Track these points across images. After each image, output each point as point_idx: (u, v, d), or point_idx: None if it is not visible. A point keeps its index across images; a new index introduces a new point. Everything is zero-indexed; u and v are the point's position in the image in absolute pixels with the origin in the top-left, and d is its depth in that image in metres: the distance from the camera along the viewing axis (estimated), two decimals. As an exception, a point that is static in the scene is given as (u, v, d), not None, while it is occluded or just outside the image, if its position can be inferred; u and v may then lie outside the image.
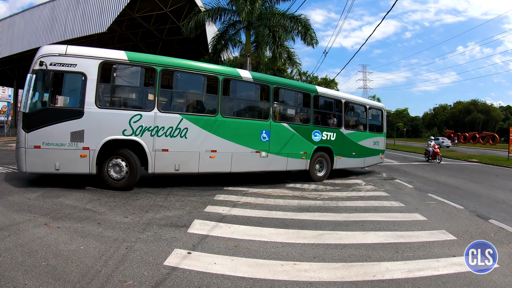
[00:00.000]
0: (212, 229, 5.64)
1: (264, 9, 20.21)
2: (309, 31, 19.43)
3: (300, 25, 19.18)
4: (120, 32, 28.76)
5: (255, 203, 7.80)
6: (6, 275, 3.58)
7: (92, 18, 22.97)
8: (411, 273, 4.16)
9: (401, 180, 12.52)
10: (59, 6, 24.59)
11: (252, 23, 20.25)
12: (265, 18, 20.14)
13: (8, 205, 6.40)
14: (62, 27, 24.34)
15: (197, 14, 19.74)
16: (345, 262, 4.45)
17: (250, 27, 20.57)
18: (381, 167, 17.73)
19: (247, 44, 21.12)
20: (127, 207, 6.78)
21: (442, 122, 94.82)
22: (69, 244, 4.57)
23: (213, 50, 22.42)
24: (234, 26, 21.52)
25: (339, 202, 8.33)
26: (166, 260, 4.18)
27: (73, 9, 23.98)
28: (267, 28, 20.11)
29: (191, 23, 19.51)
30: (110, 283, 3.54)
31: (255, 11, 18.45)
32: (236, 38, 22.73)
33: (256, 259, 4.42)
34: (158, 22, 27.74)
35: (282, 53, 20.27)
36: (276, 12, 19.97)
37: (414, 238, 5.62)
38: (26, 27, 26.03)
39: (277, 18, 19.54)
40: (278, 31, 20.04)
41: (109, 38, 30.10)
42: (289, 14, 19.57)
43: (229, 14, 20.35)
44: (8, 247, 4.34)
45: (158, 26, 28.38)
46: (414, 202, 8.66)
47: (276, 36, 19.78)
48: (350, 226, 6.22)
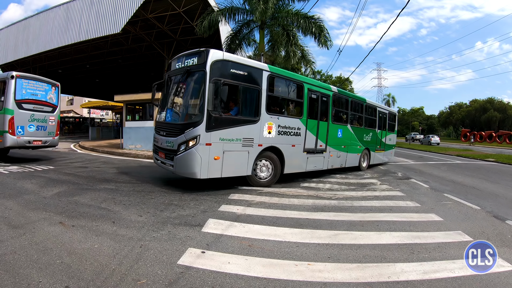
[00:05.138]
0: (226, 228, 5.65)
1: (277, 8, 20.13)
2: (323, 32, 19.23)
3: (314, 26, 19.01)
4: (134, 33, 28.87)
5: (270, 202, 7.78)
6: (21, 272, 3.65)
7: (106, 19, 23.12)
8: (426, 275, 4.11)
9: (416, 180, 12.37)
10: (73, 8, 24.83)
11: (265, 22, 20.19)
12: (278, 17, 20.05)
13: (24, 203, 6.52)
14: (76, 28, 24.57)
15: (210, 14, 19.76)
16: (359, 263, 4.42)
17: (264, 26, 20.51)
18: (396, 166, 17.60)
19: (261, 43, 21.08)
20: (142, 206, 6.83)
21: (458, 120, 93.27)
22: (84, 242, 4.63)
23: (227, 50, 22.39)
24: (247, 25, 21.48)
25: (354, 202, 8.25)
26: (180, 259, 4.21)
27: (87, 10, 24.19)
28: (281, 27, 20.02)
29: (205, 23, 19.53)
30: (124, 282, 3.58)
31: (269, 10, 18.39)
32: (250, 37, 22.70)
33: (270, 259, 4.41)
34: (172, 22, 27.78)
35: (296, 51, 20.18)
36: (290, 11, 19.85)
37: (430, 239, 5.55)
38: (41, 29, 26.36)
39: (291, 17, 19.43)
40: (292, 30, 19.94)
41: (123, 39, 30.30)
42: (303, 14, 19.40)
43: (242, 13, 20.32)
44: (23, 245, 4.41)
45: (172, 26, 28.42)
46: (430, 202, 8.53)
47: (291, 35, 19.70)
48: (365, 226, 6.16)
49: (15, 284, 3.41)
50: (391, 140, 18.78)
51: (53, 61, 35.06)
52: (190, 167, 8.04)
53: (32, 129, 12.04)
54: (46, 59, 33.31)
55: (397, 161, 21.16)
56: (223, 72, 8.21)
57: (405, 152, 31.27)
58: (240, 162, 8.85)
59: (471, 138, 58.27)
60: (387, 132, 17.77)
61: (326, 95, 12.02)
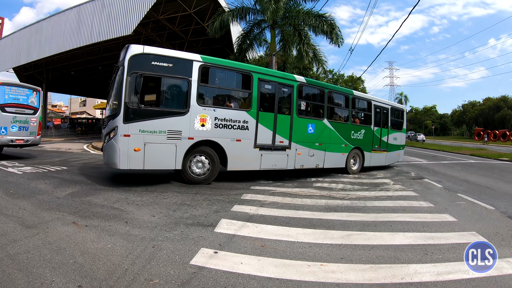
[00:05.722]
0: (239, 228, 5.66)
1: (288, 8, 20.13)
2: (335, 30, 19.19)
3: (326, 24, 18.96)
4: (146, 35, 29.21)
5: (283, 202, 7.78)
6: (34, 271, 3.69)
7: (118, 21, 23.39)
8: (440, 276, 4.06)
9: (430, 180, 12.23)
10: (85, 11, 25.18)
11: (277, 22, 20.22)
12: (290, 17, 20.04)
13: (38, 203, 6.61)
14: (88, 30, 24.91)
15: (221, 15, 19.88)
16: (373, 264, 4.39)
17: (275, 26, 20.56)
18: (409, 166, 17.44)
19: (272, 43, 21.14)
20: (155, 206, 6.88)
21: (471, 119, 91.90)
22: (97, 242, 4.67)
23: (238, 50, 22.52)
24: (259, 25, 21.60)
25: (367, 202, 8.20)
26: (193, 259, 4.22)
27: (98, 13, 24.49)
28: (292, 27, 20.00)
29: (216, 23, 19.65)
30: (136, 282, 3.61)
31: (280, 10, 18.42)
32: (261, 37, 22.79)
33: (283, 260, 4.40)
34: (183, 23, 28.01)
35: (308, 51, 20.14)
36: (301, 10, 19.84)
37: (444, 239, 5.49)
38: (54, 32, 26.77)
39: (302, 16, 19.41)
40: (304, 29, 19.92)
41: (135, 41, 30.50)
42: (314, 13, 19.42)
43: (253, 13, 20.41)
44: (37, 244, 4.47)
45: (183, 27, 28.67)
46: (444, 202, 8.44)
47: (302, 34, 19.67)
48: (378, 227, 6.12)
49: (28, 283, 3.46)
50: (397, 139, 16.44)
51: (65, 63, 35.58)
52: (111, 157, 8.36)
53: (15, 129, 13.31)
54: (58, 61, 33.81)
55: (410, 160, 20.98)
56: (142, 65, 8.36)
57: (418, 152, 30.99)
58: (165, 155, 8.72)
59: (484, 137, 57.52)
60: (390, 130, 15.65)
61: (286, 85, 11.08)
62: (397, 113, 16.67)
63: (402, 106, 17.96)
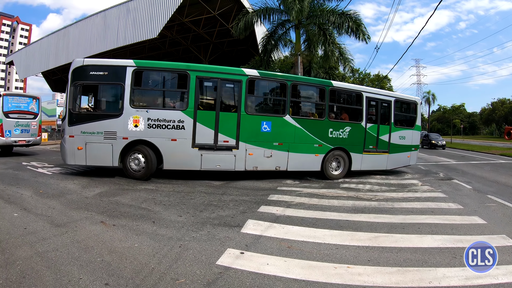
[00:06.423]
0: (265, 229, 5.71)
1: (312, 7, 19.99)
2: (360, 27, 18.90)
3: (351, 21, 18.72)
4: (171, 37, 29.52)
5: (309, 203, 7.80)
6: (62, 269, 3.82)
7: (143, 25, 23.76)
8: (468, 281, 3.96)
9: (459, 181, 11.92)
10: (110, 15, 25.68)
11: (301, 21, 20.12)
12: (314, 16, 19.90)
13: (67, 203, 6.82)
14: (114, 34, 25.38)
15: (245, 15, 19.93)
16: (400, 267, 4.34)
17: (299, 26, 20.46)
18: (438, 166, 17.06)
19: (297, 43, 21.06)
20: (182, 206, 7.02)
21: (501, 117, 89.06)
22: (124, 241, 4.78)
23: (263, 51, 22.56)
24: (283, 26, 21.53)
25: (394, 203, 8.11)
26: (219, 260, 4.27)
27: (124, 17, 24.93)
28: (316, 26, 19.85)
29: (240, 24, 19.73)
30: (163, 281, 3.67)
31: (304, 10, 18.34)
32: (286, 37, 22.74)
33: (309, 261, 4.41)
34: (207, 25, 28.20)
35: (334, 50, 19.97)
36: (325, 9, 19.69)
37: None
38: (80, 37, 27.42)
39: (326, 15, 19.23)
40: (329, 28, 19.75)
41: (160, 43, 31.04)
42: (338, 11, 19.21)
43: (277, 13, 20.36)
44: (66, 242, 4.63)
45: (208, 29, 28.85)
46: (473, 204, 8.23)
47: (327, 33, 19.50)
48: (406, 229, 6.05)
49: (56, 280, 3.58)
50: (406, 138, 13.45)
51: (93, 67, 36.24)
52: (62, 154, 10.22)
53: (18, 132, 15.66)
54: (86, 65, 34.45)
55: (438, 161, 20.57)
56: (83, 76, 9.75)
57: (446, 152, 30.27)
58: (103, 153, 9.76)
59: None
60: (393, 127, 12.96)
61: (232, 80, 10.58)
62: (405, 106, 14.14)
63: (414, 97, 14.56)
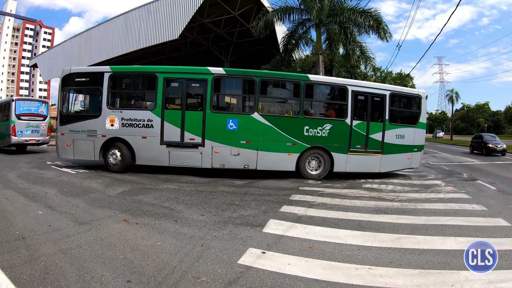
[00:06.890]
0: (287, 229, 5.73)
1: (333, 6, 19.87)
2: (381, 25, 18.65)
3: (371, 19, 18.52)
4: (192, 38, 29.86)
5: (331, 203, 7.79)
6: (86, 266, 3.94)
7: (164, 26, 24.14)
8: (491, 285, 3.89)
9: (483, 181, 11.61)
10: (132, 17, 26.20)
11: (322, 20, 20.02)
12: (334, 15, 19.76)
13: (90, 202, 7.00)
14: (136, 36, 25.88)
15: (265, 15, 19.98)
16: (422, 269, 4.30)
17: (320, 25, 20.36)
18: (461, 166, 16.68)
19: (318, 42, 20.98)
20: (204, 205, 7.13)
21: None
22: (147, 239, 4.88)
23: (284, 50, 22.56)
24: (303, 25, 21.48)
25: (417, 204, 7.99)
26: (240, 259, 4.31)
27: (145, 19, 25.39)
28: (337, 25, 19.71)
29: (260, 24, 19.79)
30: (184, 279, 3.73)
31: (325, 9, 18.25)
32: (307, 36, 22.65)
33: (330, 262, 4.41)
34: (228, 26, 28.41)
35: (355, 49, 19.82)
36: (346, 7, 19.56)
37: (497, 245, 5.15)
38: (103, 39, 28.11)
39: (347, 13, 19.10)
40: (349, 27, 19.59)
41: (181, 44, 31.44)
42: (359, 9, 19.04)
43: (297, 12, 20.32)
44: (89, 240, 4.76)
45: (228, 29, 29.07)
46: (497, 206, 8.04)
47: (348, 32, 19.35)
48: (428, 230, 5.97)
49: (79, 276, 3.69)
50: (405, 137, 11.83)
51: (115, 69, 36.87)
52: (57, 149, 11.79)
53: (28, 132, 17.63)
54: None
55: (462, 161, 20.08)
56: (70, 82, 11.43)
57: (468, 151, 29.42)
58: (87, 149, 11.16)
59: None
60: (387, 124, 11.59)
61: (198, 80, 11.00)
62: (405, 101, 12.77)
63: (418, 91, 12.82)
